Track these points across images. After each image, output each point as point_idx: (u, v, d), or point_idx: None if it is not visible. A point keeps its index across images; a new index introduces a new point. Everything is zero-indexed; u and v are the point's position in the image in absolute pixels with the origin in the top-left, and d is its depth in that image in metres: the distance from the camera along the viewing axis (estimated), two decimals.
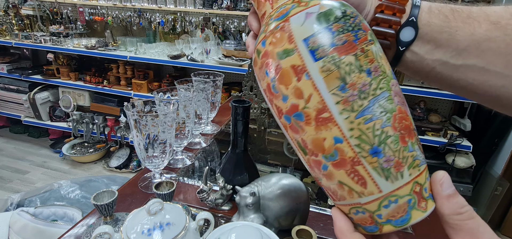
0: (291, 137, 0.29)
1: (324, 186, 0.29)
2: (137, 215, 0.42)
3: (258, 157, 0.94)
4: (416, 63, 0.35)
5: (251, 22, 0.36)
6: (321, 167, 0.27)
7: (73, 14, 2.89)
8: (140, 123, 0.60)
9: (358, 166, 0.26)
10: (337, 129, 0.26)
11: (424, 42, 0.33)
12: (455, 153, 2.00)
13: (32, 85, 2.81)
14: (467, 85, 0.33)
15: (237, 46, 2.39)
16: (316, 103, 0.26)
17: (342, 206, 0.28)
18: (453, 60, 0.32)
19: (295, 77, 0.26)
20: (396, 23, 0.33)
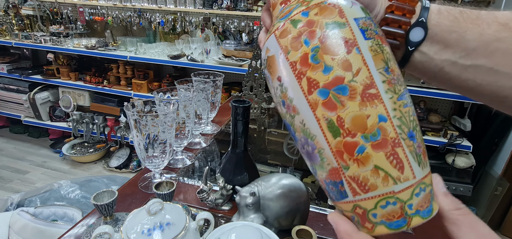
0: (319, 116, 0.27)
1: (349, 177, 0.27)
2: (137, 215, 0.42)
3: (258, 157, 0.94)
4: (424, 64, 0.35)
5: (264, 18, 0.36)
6: (356, 150, 0.26)
7: (73, 14, 2.89)
8: (140, 123, 0.60)
9: (398, 148, 0.26)
10: (383, 107, 0.26)
11: (433, 42, 0.33)
12: (455, 153, 2.00)
13: (32, 85, 2.81)
14: (476, 86, 0.33)
15: (237, 46, 2.39)
16: (364, 78, 0.26)
17: (366, 201, 0.27)
18: (462, 61, 0.32)
19: (345, 49, 0.26)
20: (406, 24, 0.33)
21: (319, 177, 0.30)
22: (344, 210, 0.29)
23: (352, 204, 0.28)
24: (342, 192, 0.28)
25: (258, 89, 1.12)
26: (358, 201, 0.27)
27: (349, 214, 0.29)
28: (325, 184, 0.29)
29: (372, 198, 0.26)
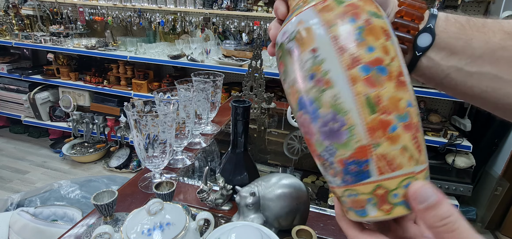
0: (358, 91, 0.27)
1: (378, 154, 0.27)
2: (137, 215, 0.42)
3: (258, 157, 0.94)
4: (431, 69, 0.36)
5: (278, 6, 0.35)
6: (389, 128, 0.27)
7: (73, 14, 2.89)
8: (140, 123, 0.60)
9: (418, 133, 0.28)
10: (409, 94, 0.29)
11: (440, 48, 0.34)
12: (455, 153, 2.00)
13: (32, 85, 2.81)
14: (480, 93, 0.34)
15: (237, 46, 2.39)
16: (397, 66, 0.28)
17: (390, 180, 0.27)
18: (468, 67, 0.33)
19: (384, 37, 0.29)
20: (414, 29, 0.34)
21: (338, 158, 0.29)
22: (359, 192, 0.29)
23: (374, 185, 0.28)
24: (365, 172, 0.28)
25: (258, 89, 1.12)
26: (382, 180, 0.28)
27: (363, 197, 0.29)
28: (344, 164, 0.29)
29: (397, 177, 0.27)
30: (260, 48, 1.05)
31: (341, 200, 0.31)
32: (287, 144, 1.06)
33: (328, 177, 0.32)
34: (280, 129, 1.16)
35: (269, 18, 2.37)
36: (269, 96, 1.17)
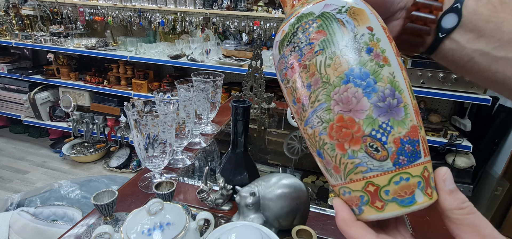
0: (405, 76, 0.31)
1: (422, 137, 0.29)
2: (137, 215, 0.42)
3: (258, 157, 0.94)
4: (454, 52, 0.34)
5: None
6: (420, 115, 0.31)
7: (73, 14, 2.89)
8: (140, 123, 0.60)
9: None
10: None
11: (467, 30, 0.32)
12: (455, 153, 2.00)
13: (32, 85, 2.81)
14: (504, 79, 0.33)
15: (237, 46, 2.39)
16: None
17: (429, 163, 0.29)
18: (495, 52, 0.32)
19: None
20: (438, 9, 0.32)
21: (394, 136, 0.28)
22: (412, 175, 0.28)
23: (422, 166, 0.28)
24: (418, 151, 0.28)
25: (258, 89, 1.12)
26: (426, 162, 0.28)
27: (414, 181, 0.28)
28: (400, 143, 0.28)
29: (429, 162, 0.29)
30: (260, 48, 1.05)
31: (383, 190, 0.28)
32: (287, 144, 1.06)
33: (373, 163, 0.28)
34: (280, 129, 1.16)
35: (269, 18, 2.37)
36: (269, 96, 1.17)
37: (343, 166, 0.30)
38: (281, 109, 1.33)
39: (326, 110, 0.30)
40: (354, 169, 0.29)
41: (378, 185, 0.28)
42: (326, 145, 0.30)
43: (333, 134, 0.29)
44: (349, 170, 0.29)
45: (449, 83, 1.87)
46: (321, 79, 0.30)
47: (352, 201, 0.30)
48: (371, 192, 0.28)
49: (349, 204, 0.30)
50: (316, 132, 0.31)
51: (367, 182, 0.29)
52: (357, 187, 0.29)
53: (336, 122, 0.29)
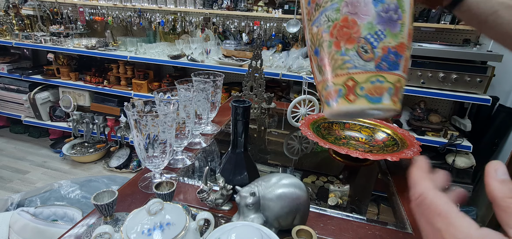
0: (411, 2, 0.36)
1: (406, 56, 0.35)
2: (137, 215, 0.42)
3: (258, 157, 0.94)
4: (479, 4, 0.35)
5: None
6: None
7: (73, 14, 2.90)
8: (140, 123, 0.60)
9: None
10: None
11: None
12: (455, 153, 2.00)
13: (32, 85, 2.81)
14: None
15: (237, 46, 2.39)
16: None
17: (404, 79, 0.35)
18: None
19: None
20: None
21: (384, 44, 0.33)
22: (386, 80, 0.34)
23: (398, 77, 0.34)
24: (398, 64, 0.34)
25: (258, 89, 1.12)
26: (402, 76, 0.35)
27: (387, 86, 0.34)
28: (387, 51, 0.33)
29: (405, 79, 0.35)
30: (260, 48, 1.05)
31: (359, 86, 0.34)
32: (287, 144, 1.06)
33: (358, 61, 0.33)
34: (280, 129, 1.16)
35: (269, 18, 2.37)
36: (269, 96, 1.17)
37: (334, 61, 0.35)
38: (281, 109, 1.33)
39: (335, 11, 0.34)
40: (342, 64, 0.34)
41: (357, 81, 0.34)
42: (325, 42, 0.35)
43: (334, 32, 0.35)
44: (338, 65, 0.35)
45: (449, 83, 1.87)
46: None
47: (331, 95, 0.36)
48: (349, 86, 0.34)
49: (327, 98, 0.37)
50: (320, 30, 0.36)
51: (349, 77, 0.34)
52: (339, 81, 0.35)
53: (340, 21, 0.34)
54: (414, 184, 0.29)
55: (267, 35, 2.43)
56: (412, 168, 0.29)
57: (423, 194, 0.27)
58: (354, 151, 0.74)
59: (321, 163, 0.97)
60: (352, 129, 0.97)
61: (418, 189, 0.28)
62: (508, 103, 2.03)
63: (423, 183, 0.28)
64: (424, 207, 0.27)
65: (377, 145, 0.90)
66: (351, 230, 0.60)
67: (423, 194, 0.27)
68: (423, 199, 0.27)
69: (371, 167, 0.89)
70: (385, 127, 0.94)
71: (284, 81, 2.49)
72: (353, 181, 0.85)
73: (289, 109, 1.07)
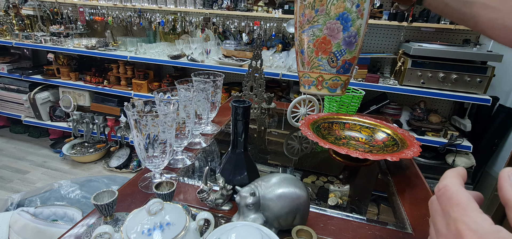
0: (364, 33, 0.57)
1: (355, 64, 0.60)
2: (137, 215, 0.42)
3: (258, 157, 0.94)
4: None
5: None
6: None
7: (74, 14, 2.90)
8: (140, 123, 0.60)
9: None
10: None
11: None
12: (455, 153, 2.00)
13: (33, 85, 2.81)
14: (471, 18, 0.46)
15: (237, 46, 2.39)
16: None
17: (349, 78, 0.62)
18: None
19: None
20: None
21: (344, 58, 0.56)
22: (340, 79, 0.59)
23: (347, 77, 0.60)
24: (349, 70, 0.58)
25: (258, 89, 1.12)
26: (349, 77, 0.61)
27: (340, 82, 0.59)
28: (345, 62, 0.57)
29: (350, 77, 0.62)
30: (260, 48, 1.05)
31: (325, 82, 0.59)
32: (287, 144, 1.06)
33: (327, 66, 0.57)
34: (280, 129, 1.16)
35: (269, 18, 2.37)
36: (269, 96, 1.17)
37: (312, 62, 0.58)
38: (281, 109, 1.33)
39: (319, 30, 0.54)
40: (317, 66, 0.58)
41: (324, 78, 0.58)
42: (309, 48, 0.57)
43: (316, 44, 0.56)
44: (315, 65, 0.58)
45: (449, 83, 1.87)
46: (325, 10, 0.53)
47: (307, 82, 0.61)
48: (319, 80, 0.59)
49: (304, 83, 0.62)
50: (307, 39, 0.57)
51: (320, 75, 0.59)
52: (313, 76, 0.59)
53: (321, 38, 0.55)
54: (443, 178, 0.30)
55: (267, 35, 2.43)
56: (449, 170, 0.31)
57: (447, 186, 0.28)
58: (354, 151, 0.74)
59: (321, 163, 0.97)
60: (352, 129, 0.97)
61: (444, 181, 0.29)
62: (508, 103, 2.03)
63: (451, 178, 0.29)
64: (444, 198, 0.28)
65: (377, 145, 0.89)
66: (351, 230, 0.59)
67: (447, 186, 0.28)
68: (446, 190, 0.28)
69: (371, 167, 0.89)
70: (385, 127, 0.94)
71: (284, 81, 2.49)
72: (353, 181, 0.85)
73: (289, 109, 1.07)
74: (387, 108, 2.18)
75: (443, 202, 0.28)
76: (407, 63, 1.90)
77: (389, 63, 2.33)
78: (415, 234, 0.59)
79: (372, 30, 2.31)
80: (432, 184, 1.98)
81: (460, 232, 0.25)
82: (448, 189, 0.28)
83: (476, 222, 0.25)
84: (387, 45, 2.34)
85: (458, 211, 0.27)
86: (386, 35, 2.31)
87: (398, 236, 0.59)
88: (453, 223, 0.26)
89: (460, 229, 0.25)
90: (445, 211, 0.28)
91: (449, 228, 0.27)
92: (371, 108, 2.12)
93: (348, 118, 0.99)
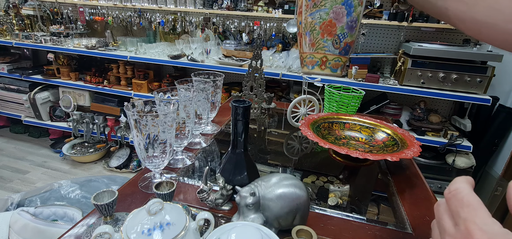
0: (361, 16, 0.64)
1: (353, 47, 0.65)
2: (137, 215, 0.42)
3: (258, 157, 0.94)
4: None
5: None
6: None
7: (74, 14, 2.90)
8: (140, 122, 0.60)
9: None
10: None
11: None
12: (455, 153, 2.00)
13: (33, 85, 2.81)
14: (444, 11, 0.48)
15: (237, 46, 2.39)
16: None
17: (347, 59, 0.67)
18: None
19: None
20: None
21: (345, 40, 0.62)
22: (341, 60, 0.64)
23: (347, 58, 0.65)
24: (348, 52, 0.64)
25: (258, 89, 1.12)
26: (348, 58, 0.66)
27: (340, 63, 0.65)
28: (346, 45, 0.63)
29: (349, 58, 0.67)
30: (260, 48, 1.05)
31: (328, 62, 0.64)
32: (287, 144, 1.06)
33: (331, 48, 0.62)
34: (280, 129, 1.16)
35: (269, 18, 2.37)
36: (269, 96, 1.17)
37: (317, 43, 0.63)
38: (281, 109, 1.33)
39: (326, 13, 0.59)
40: (322, 47, 0.62)
41: (328, 58, 0.63)
42: (315, 30, 0.62)
43: (322, 27, 0.60)
44: (320, 46, 0.63)
45: (449, 83, 1.87)
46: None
47: (312, 62, 0.65)
48: (323, 60, 0.64)
49: (308, 63, 0.66)
50: (313, 21, 0.61)
51: (324, 55, 0.63)
52: (318, 56, 0.64)
53: (327, 21, 0.60)
54: (453, 182, 0.30)
55: (267, 35, 2.43)
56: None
57: (458, 189, 0.29)
58: (354, 151, 0.74)
59: (321, 163, 0.97)
60: (352, 129, 0.97)
61: (455, 185, 0.30)
62: (508, 103, 2.03)
63: (462, 183, 0.30)
64: (454, 199, 0.29)
65: (377, 145, 0.89)
66: (351, 230, 0.60)
67: (458, 189, 0.29)
68: (457, 193, 0.29)
69: (371, 167, 0.89)
70: (385, 127, 0.94)
71: (284, 81, 2.49)
72: (353, 181, 0.85)
73: (289, 109, 1.07)
74: (387, 108, 2.18)
75: (453, 204, 0.29)
76: (407, 63, 1.90)
77: (389, 63, 2.33)
78: (415, 234, 0.59)
79: (372, 30, 2.31)
80: (432, 184, 1.99)
81: (470, 232, 0.26)
82: (460, 191, 0.29)
83: (486, 223, 0.26)
84: (387, 45, 2.34)
85: (468, 211, 0.27)
86: (386, 35, 2.31)
87: (398, 236, 0.59)
88: (463, 223, 0.27)
89: (471, 229, 0.26)
90: (455, 212, 0.29)
91: (458, 228, 0.27)
92: (371, 108, 2.12)
93: (348, 118, 0.99)
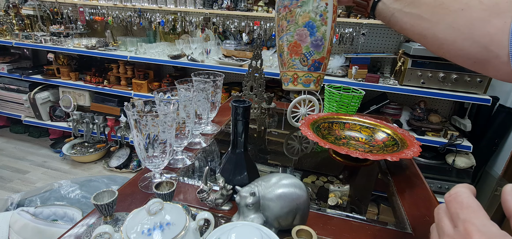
0: (332, 37, 0.72)
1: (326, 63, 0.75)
2: (137, 215, 0.42)
3: (258, 157, 0.94)
4: (384, 10, 0.57)
5: None
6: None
7: (74, 14, 2.90)
8: (140, 122, 0.60)
9: None
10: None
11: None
12: (455, 153, 2.00)
13: (33, 85, 2.81)
14: (410, 27, 0.51)
15: (237, 46, 2.39)
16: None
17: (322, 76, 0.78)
18: (406, 9, 0.53)
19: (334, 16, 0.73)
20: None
21: (313, 58, 0.70)
22: (312, 76, 0.74)
23: (319, 74, 0.74)
24: (319, 68, 0.74)
25: (258, 89, 1.12)
26: (322, 74, 0.77)
27: (312, 78, 0.74)
28: (314, 61, 0.71)
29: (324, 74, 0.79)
30: (260, 48, 1.05)
31: (299, 78, 0.74)
32: (287, 144, 1.06)
33: (300, 66, 0.72)
34: (280, 129, 1.16)
35: (269, 18, 2.37)
36: (269, 96, 1.17)
37: (288, 63, 0.73)
38: (281, 109, 1.33)
39: (291, 36, 0.69)
40: (292, 65, 0.73)
41: (298, 75, 0.74)
42: (285, 52, 0.73)
43: (289, 48, 0.71)
44: (290, 65, 0.73)
45: (449, 83, 1.87)
46: (294, 20, 0.68)
47: (286, 80, 0.77)
48: (294, 77, 0.75)
49: (284, 80, 0.78)
50: (283, 44, 0.73)
51: (294, 73, 0.74)
52: (289, 74, 0.75)
53: (293, 43, 0.70)
54: (454, 187, 0.31)
55: (267, 35, 2.43)
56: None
57: (458, 192, 0.30)
58: (354, 151, 0.74)
59: (321, 163, 0.97)
60: (352, 129, 0.97)
61: (455, 189, 0.31)
62: (508, 103, 2.03)
63: (462, 188, 0.30)
64: (454, 202, 0.30)
65: (377, 145, 0.89)
66: (351, 230, 0.60)
67: (458, 192, 0.30)
68: (457, 196, 0.30)
69: (371, 167, 0.89)
70: (385, 127, 0.94)
71: None
72: (353, 181, 0.85)
73: (289, 109, 1.07)
74: (387, 108, 2.18)
75: (453, 206, 0.29)
76: (407, 63, 1.90)
77: (389, 63, 2.33)
78: (415, 234, 0.59)
79: (372, 30, 2.31)
80: (432, 184, 1.98)
81: (469, 233, 0.26)
82: (460, 194, 0.30)
83: (485, 224, 0.26)
84: (387, 45, 2.34)
85: (468, 213, 0.28)
86: (386, 35, 2.31)
87: (398, 236, 0.59)
88: (462, 224, 0.27)
89: (469, 230, 0.26)
90: (454, 214, 0.29)
91: (458, 230, 0.28)
92: (371, 108, 2.12)
93: (348, 118, 0.99)
